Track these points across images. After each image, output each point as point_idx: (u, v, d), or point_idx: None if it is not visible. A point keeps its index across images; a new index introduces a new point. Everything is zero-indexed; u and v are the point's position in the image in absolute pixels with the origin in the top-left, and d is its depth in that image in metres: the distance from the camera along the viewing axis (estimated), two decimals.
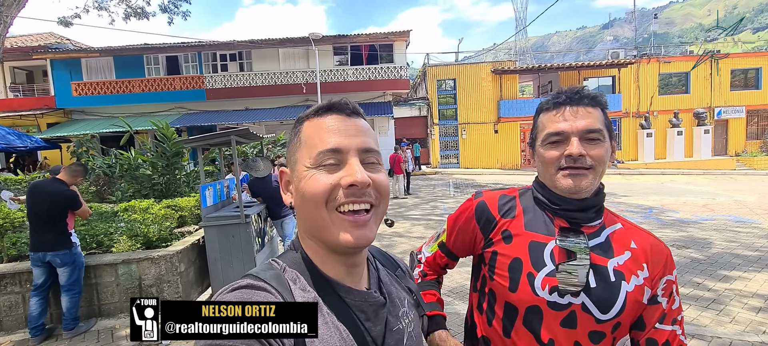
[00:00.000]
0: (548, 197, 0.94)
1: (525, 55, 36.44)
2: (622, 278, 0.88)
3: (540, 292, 0.87)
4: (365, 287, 0.69)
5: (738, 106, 20.13)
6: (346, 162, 0.61)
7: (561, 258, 0.89)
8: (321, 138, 0.62)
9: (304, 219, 0.65)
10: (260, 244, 4.78)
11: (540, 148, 0.94)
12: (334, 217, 0.60)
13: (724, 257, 5.31)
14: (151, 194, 6.33)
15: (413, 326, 0.73)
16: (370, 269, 0.73)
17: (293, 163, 0.66)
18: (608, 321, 0.87)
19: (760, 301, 3.90)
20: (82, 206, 3.60)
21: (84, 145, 9.51)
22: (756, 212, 8.29)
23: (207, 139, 4.77)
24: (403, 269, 0.83)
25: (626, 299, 0.86)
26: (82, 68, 18.90)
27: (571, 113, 0.89)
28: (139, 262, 3.91)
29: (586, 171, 0.87)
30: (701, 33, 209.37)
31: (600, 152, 0.88)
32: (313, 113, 0.66)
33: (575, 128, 0.88)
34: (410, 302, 0.76)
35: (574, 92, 0.92)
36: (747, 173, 16.97)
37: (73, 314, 3.52)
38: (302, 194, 0.62)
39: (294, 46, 18.71)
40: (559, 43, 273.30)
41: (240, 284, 0.58)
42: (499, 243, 0.95)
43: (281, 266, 0.65)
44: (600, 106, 0.92)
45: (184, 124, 17.67)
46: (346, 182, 0.59)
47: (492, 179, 15.97)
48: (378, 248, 0.83)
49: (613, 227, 0.95)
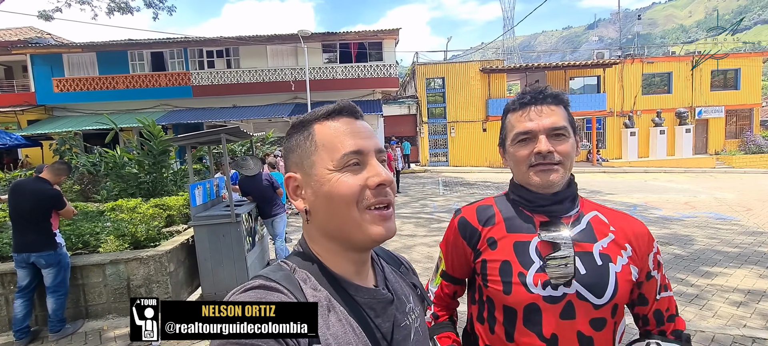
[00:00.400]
0: (523, 195, 0.97)
1: (512, 54, 36.80)
2: (609, 260, 0.91)
3: (533, 289, 0.89)
4: (373, 284, 0.70)
5: (717, 106, 20.72)
6: (367, 163, 0.64)
7: (546, 252, 0.92)
8: (341, 141, 0.63)
9: (328, 220, 0.65)
10: (251, 243, 4.74)
11: (510, 148, 0.98)
12: (364, 215, 0.62)
13: (706, 253, 5.47)
14: (137, 193, 6.21)
15: (419, 322, 0.75)
16: (376, 267, 0.74)
17: (308, 166, 0.65)
18: (606, 305, 0.89)
19: (741, 295, 4.04)
20: (67, 206, 3.52)
21: (67, 143, 9.26)
22: (735, 209, 8.56)
23: (196, 138, 4.70)
24: (406, 265, 0.84)
25: (617, 280, 0.89)
26: (63, 64, 18.41)
27: (536, 113, 0.94)
28: (127, 262, 3.85)
29: (555, 166, 0.92)
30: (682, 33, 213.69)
31: (566, 147, 0.93)
32: (324, 117, 0.67)
33: (542, 126, 0.92)
34: (415, 297, 0.78)
35: (538, 92, 0.96)
36: (726, 171, 17.49)
37: (59, 315, 3.45)
38: (330, 196, 0.62)
39: (282, 43, 18.54)
40: (546, 43, 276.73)
41: (252, 284, 0.59)
42: (486, 251, 0.97)
43: (291, 266, 0.65)
44: (562, 104, 0.96)
45: (170, 122, 17.36)
46: (373, 182, 0.62)
47: (481, 176, 16.11)
48: (381, 247, 0.84)
49: (591, 213, 0.99)
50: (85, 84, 18.16)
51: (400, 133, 19.57)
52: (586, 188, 11.73)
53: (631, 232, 0.97)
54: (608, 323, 0.90)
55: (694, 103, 20.66)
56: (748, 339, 3.15)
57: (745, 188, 11.80)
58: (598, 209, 1.01)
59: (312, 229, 0.68)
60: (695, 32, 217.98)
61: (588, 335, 0.88)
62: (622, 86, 20.39)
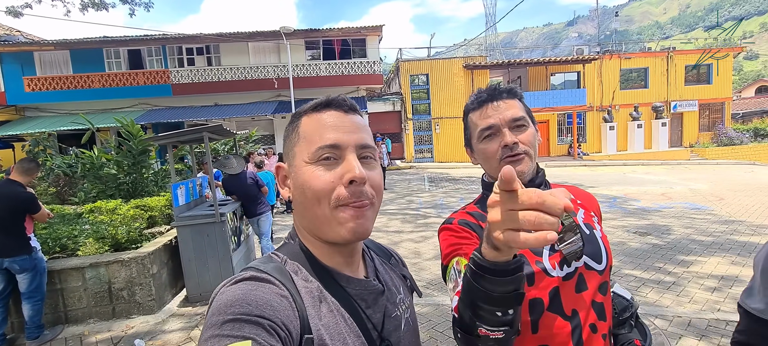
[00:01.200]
0: None
1: (495, 50, 37.15)
2: (591, 227, 0.99)
3: (553, 272, 0.90)
4: (363, 275, 0.71)
5: (691, 100, 21.44)
6: (343, 158, 0.62)
7: None
8: (320, 134, 0.63)
9: (303, 214, 0.66)
10: (236, 243, 4.68)
11: (478, 146, 1.01)
12: (335, 213, 0.61)
13: (682, 242, 5.67)
14: (116, 194, 6.04)
15: (409, 312, 0.76)
16: (366, 259, 0.75)
17: (291, 157, 0.67)
18: (606, 269, 0.96)
19: (715, 281, 4.21)
20: (41, 208, 3.39)
21: (40, 144, 8.92)
22: (709, 199, 8.88)
23: (178, 136, 4.61)
24: (396, 258, 0.85)
25: (604, 244, 0.98)
26: (35, 62, 17.71)
27: (494, 108, 0.98)
28: (108, 265, 3.75)
29: (521, 156, 0.96)
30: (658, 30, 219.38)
31: (528, 136, 0.97)
32: (312, 109, 0.67)
33: (503, 119, 0.96)
34: (405, 289, 0.79)
35: (492, 89, 1.00)
36: (700, 162, 18.12)
37: (36, 322, 3.34)
38: (302, 189, 0.63)
39: (264, 40, 18.27)
40: (527, 39, 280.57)
41: (243, 276, 0.58)
42: None
43: (282, 258, 0.65)
44: (517, 97, 1.01)
45: (149, 121, 16.93)
46: (346, 179, 0.60)
47: (466, 172, 16.26)
48: (371, 240, 0.85)
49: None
50: (59, 83, 17.53)
51: (386, 130, 19.57)
52: (568, 181, 11.97)
53: (590, 204, 1.07)
54: (607, 285, 0.97)
55: (669, 97, 21.32)
56: (721, 322, 3.28)
57: (718, 179, 12.26)
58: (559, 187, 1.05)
59: (298, 221, 0.69)
60: (670, 28, 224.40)
61: (599, 301, 0.93)
62: (601, 81, 20.87)
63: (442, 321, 3.50)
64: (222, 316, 0.51)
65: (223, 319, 0.50)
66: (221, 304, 0.53)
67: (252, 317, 0.51)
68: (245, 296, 0.53)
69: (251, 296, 0.54)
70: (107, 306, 3.79)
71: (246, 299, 0.53)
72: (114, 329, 3.62)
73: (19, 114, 18.10)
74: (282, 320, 0.53)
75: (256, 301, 0.53)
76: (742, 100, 32.20)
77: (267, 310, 0.53)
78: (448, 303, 3.76)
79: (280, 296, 0.56)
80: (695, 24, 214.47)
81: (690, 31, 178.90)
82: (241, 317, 0.50)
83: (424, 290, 4.20)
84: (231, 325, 0.50)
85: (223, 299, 0.54)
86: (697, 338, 3.05)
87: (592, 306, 0.92)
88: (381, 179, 0.67)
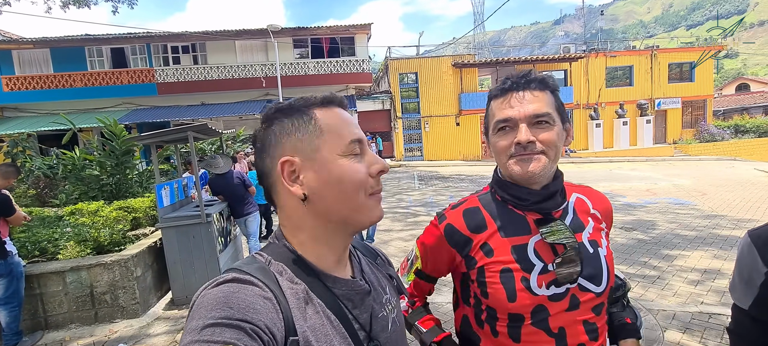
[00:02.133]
0: (513, 193, 0.92)
1: (483, 49, 37.42)
2: (597, 245, 0.91)
3: (538, 291, 0.86)
4: (350, 276, 0.70)
5: (675, 97, 21.89)
6: (365, 152, 0.67)
7: (544, 251, 0.89)
8: (346, 128, 0.65)
9: (334, 204, 0.63)
10: (223, 244, 4.61)
11: (493, 137, 0.92)
12: (368, 200, 0.65)
13: (667, 237, 5.77)
14: (99, 196, 5.90)
15: (396, 312, 0.75)
16: (353, 259, 0.74)
17: (311, 150, 0.63)
18: (604, 291, 0.90)
19: (698, 275, 4.29)
20: (16, 211, 3.29)
21: (19, 145, 8.67)
22: (692, 195, 9.07)
23: (161, 136, 4.51)
24: (382, 257, 0.84)
25: (607, 264, 0.91)
26: (13, 61, 17.24)
27: (517, 99, 0.88)
28: (89, 268, 3.65)
29: (536, 155, 0.86)
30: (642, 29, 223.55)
31: (550, 136, 0.87)
32: (321, 103, 0.67)
33: (522, 114, 0.86)
34: (392, 288, 0.78)
35: (520, 77, 0.90)
36: (683, 159, 18.51)
37: (13, 329, 3.23)
38: (340, 181, 0.63)
39: (252, 38, 18.08)
40: (515, 38, 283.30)
41: (225, 278, 0.56)
42: (482, 259, 0.91)
43: (266, 258, 0.63)
44: (549, 89, 0.90)
45: (133, 121, 16.62)
46: (375, 170, 0.66)
47: (455, 170, 16.34)
48: (357, 240, 0.84)
49: (572, 197, 0.97)
50: (39, 82, 17.09)
51: (375, 128, 19.55)
52: None
53: (602, 208, 0.99)
54: (604, 306, 0.92)
55: (653, 95, 21.73)
56: (705, 315, 3.34)
57: (701, 175, 12.54)
58: (575, 189, 1.01)
59: (302, 217, 0.65)
60: (653, 27, 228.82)
61: (591, 321, 0.89)
62: (587, 79, 21.17)
63: None
64: (202, 320, 0.49)
65: (203, 323, 0.49)
66: (201, 308, 0.51)
67: (233, 320, 0.49)
68: (227, 299, 0.52)
69: (233, 298, 0.52)
70: (89, 311, 3.70)
71: (227, 302, 0.51)
72: (96, 334, 3.53)
73: None
74: (265, 323, 0.52)
75: (238, 304, 0.51)
76: (723, 97, 33.07)
77: (249, 313, 0.51)
78: (438, 301, 3.77)
79: (263, 298, 0.54)
80: (678, 23, 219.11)
81: (673, 30, 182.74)
82: (221, 322, 0.49)
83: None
84: (211, 330, 0.48)
85: (204, 302, 0.52)
86: (681, 331, 3.10)
87: (584, 326, 0.88)
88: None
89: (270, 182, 0.66)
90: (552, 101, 0.90)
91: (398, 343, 0.73)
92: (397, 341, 0.72)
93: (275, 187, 0.65)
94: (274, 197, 0.67)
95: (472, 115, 19.97)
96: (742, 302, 1.01)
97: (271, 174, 0.65)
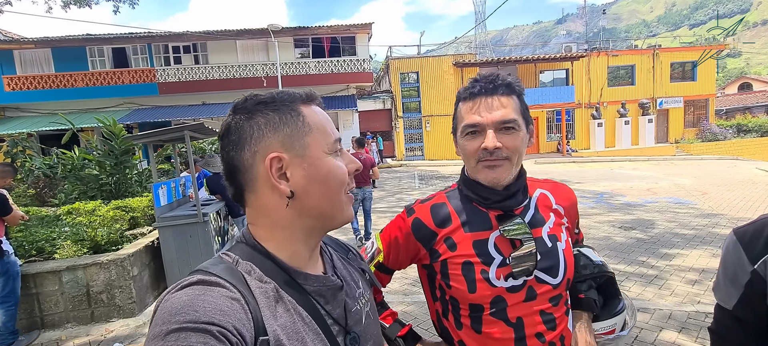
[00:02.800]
0: (477, 192, 0.96)
1: (485, 48, 37.36)
2: (556, 239, 0.96)
3: (497, 283, 0.91)
4: (322, 272, 0.69)
5: (677, 96, 21.80)
6: (342, 150, 0.68)
7: (504, 246, 0.93)
8: (328, 127, 0.66)
9: (319, 202, 0.64)
10: (220, 243, 4.62)
11: (461, 139, 0.95)
12: (345, 198, 0.67)
13: (665, 236, 5.75)
14: (98, 195, 5.92)
15: (370, 306, 0.76)
16: (324, 255, 0.74)
17: (300, 147, 0.62)
18: (561, 282, 0.94)
19: (696, 274, 4.27)
20: (13, 211, 3.28)
21: (19, 145, 8.70)
22: (692, 194, 9.03)
23: (158, 135, 4.53)
24: (354, 252, 0.84)
25: (565, 257, 0.95)
26: (15, 61, 17.31)
27: (485, 106, 0.91)
28: (86, 267, 3.66)
29: (502, 162, 0.91)
30: (645, 28, 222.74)
31: (515, 142, 0.91)
32: (304, 100, 0.66)
33: (490, 120, 0.90)
34: (364, 282, 0.78)
35: (488, 82, 0.92)
36: (685, 158, 18.43)
37: (9, 328, 3.25)
38: (327, 178, 0.64)
39: (252, 37, 18.09)
40: (517, 37, 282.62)
41: (190, 280, 0.55)
42: (445, 252, 0.96)
43: (233, 258, 0.61)
44: (515, 94, 0.93)
45: (135, 121, 16.67)
46: (353, 168, 0.68)
47: (456, 169, 16.32)
48: (329, 236, 0.82)
49: (536, 193, 1.01)
50: (40, 82, 17.14)
51: (376, 128, 19.55)
52: (556, 178, 12.10)
53: (566, 203, 1.04)
54: (563, 298, 0.96)
55: (655, 94, 21.65)
56: (701, 315, 3.32)
57: (702, 174, 12.48)
58: (540, 185, 1.04)
59: (283, 216, 0.63)
60: (656, 26, 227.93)
61: (548, 311, 0.93)
62: (589, 79, 21.10)
63: (427, 319, 3.49)
64: (166, 326, 0.48)
65: (167, 329, 0.47)
66: (165, 312, 0.50)
67: (199, 324, 0.48)
68: (192, 302, 0.51)
69: (198, 301, 0.51)
70: (85, 310, 3.71)
71: (192, 305, 0.50)
72: (92, 333, 3.54)
73: None
74: (233, 325, 0.50)
75: (203, 306, 0.50)
76: (725, 96, 32.88)
77: (216, 315, 0.50)
78: None
79: (230, 299, 0.53)
80: (681, 22, 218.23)
81: (676, 29, 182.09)
82: (186, 326, 0.47)
83: (410, 288, 4.19)
84: (176, 335, 0.47)
85: (168, 306, 0.50)
86: (677, 331, 3.09)
87: (541, 315, 0.93)
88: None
89: (247, 178, 0.62)
90: (518, 106, 0.93)
91: (373, 335, 0.73)
92: (371, 332, 0.72)
93: (253, 184, 0.62)
94: (248, 194, 0.63)
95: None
96: (726, 301, 0.99)
97: (250, 170, 0.61)
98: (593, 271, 1.03)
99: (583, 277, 1.03)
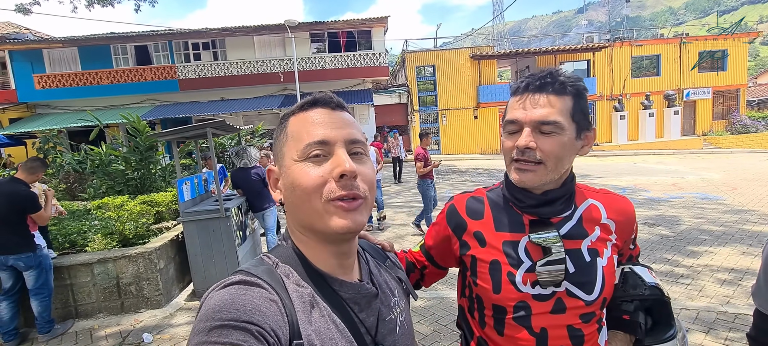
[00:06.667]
0: (513, 193, 0.92)
1: (502, 40, 36.67)
2: (597, 254, 0.89)
3: (523, 288, 0.88)
4: (357, 279, 0.70)
5: (705, 87, 20.94)
6: (333, 153, 0.62)
7: (535, 252, 0.89)
8: (307, 131, 0.63)
9: (295, 212, 0.65)
10: (242, 237, 4.71)
11: (503, 135, 0.92)
12: (327, 207, 0.61)
13: (692, 233, 5.57)
14: (125, 190, 6.13)
15: (404, 316, 0.75)
16: (361, 261, 0.74)
17: (280, 158, 0.66)
18: (596, 300, 0.88)
19: (726, 273, 4.13)
20: (42, 208, 3.38)
21: (50, 141, 9.06)
22: (721, 189, 8.70)
23: (181, 132, 4.62)
24: (392, 259, 0.84)
25: (604, 275, 0.89)
26: (44, 60, 17.95)
27: (530, 102, 0.85)
28: (115, 260, 3.80)
29: (533, 165, 0.84)
30: (671, 16, 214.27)
31: (552, 146, 0.83)
32: (299, 109, 0.67)
33: (529, 118, 0.84)
34: (400, 291, 0.78)
35: (538, 77, 0.86)
36: (713, 151, 17.76)
37: (45, 317, 3.41)
38: (292, 187, 0.62)
39: (269, 33, 18.24)
40: (536, 28, 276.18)
41: (232, 280, 0.58)
42: (475, 247, 0.94)
43: (273, 261, 0.64)
44: (568, 94, 0.84)
45: (157, 117, 17.10)
46: (336, 173, 0.60)
47: (473, 163, 16.17)
48: (367, 241, 0.85)
49: (585, 204, 0.94)
50: (68, 80, 17.74)
51: (392, 122, 19.49)
52: (576, 172, 11.84)
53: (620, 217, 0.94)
54: (596, 316, 0.90)
55: (682, 85, 20.85)
56: (730, 315, 3.22)
57: (731, 168, 12.00)
58: (593, 195, 0.97)
59: (291, 221, 0.68)
60: (683, 14, 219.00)
61: (578, 327, 0.88)
62: (611, 70, 20.48)
63: (446, 315, 3.50)
64: (210, 322, 0.50)
65: (210, 325, 0.50)
66: (209, 309, 0.52)
67: (240, 322, 0.50)
68: (233, 300, 0.53)
69: (239, 300, 0.53)
70: (116, 301, 3.86)
71: (234, 303, 0.52)
72: (123, 323, 3.69)
73: (30, 111, 18.40)
74: (271, 326, 0.52)
75: (244, 306, 0.52)
76: (757, 86, 31.38)
77: (255, 315, 0.52)
78: (451, 297, 3.75)
79: (269, 301, 0.55)
80: (710, 9, 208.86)
81: (704, 17, 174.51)
82: (228, 323, 0.50)
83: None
84: (218, 331, 0.49)
85: (211, 304, 0.53)
86: (704, 332, 3.00)
87: (568, 330, 0.87)
88: (373, 174, 0.66)
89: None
90: (568, 108, 0.84)
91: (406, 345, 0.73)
92: (404, 344, 0.72)
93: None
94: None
95: (491, 107, 19.66)
96: (767, 307, 0.96)
97: (269, 179, 0.70)
98: (644, 292, 0.95)
99: (631, 297, 0.95)
